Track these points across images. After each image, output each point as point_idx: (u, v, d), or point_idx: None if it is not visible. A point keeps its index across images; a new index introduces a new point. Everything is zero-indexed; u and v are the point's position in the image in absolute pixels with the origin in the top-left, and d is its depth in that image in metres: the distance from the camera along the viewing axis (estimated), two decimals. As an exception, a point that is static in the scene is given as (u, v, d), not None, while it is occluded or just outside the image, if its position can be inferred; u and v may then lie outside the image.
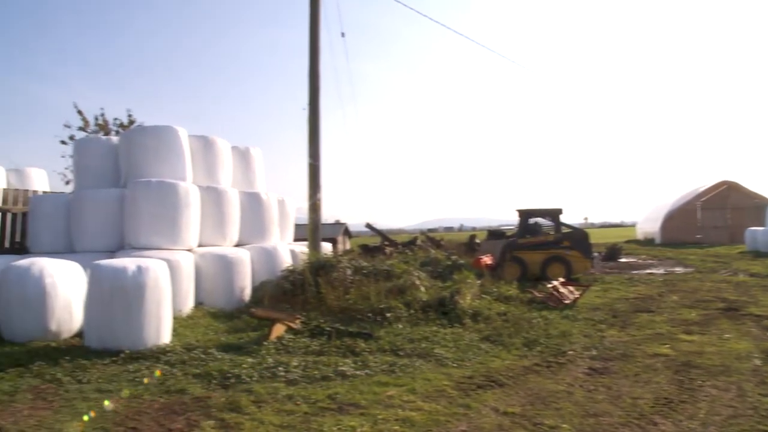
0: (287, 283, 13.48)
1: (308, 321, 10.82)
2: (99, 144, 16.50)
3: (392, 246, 24.55)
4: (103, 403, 6.67)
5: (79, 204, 14.09)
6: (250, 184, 17.09)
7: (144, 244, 13.03)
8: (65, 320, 10.31)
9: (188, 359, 8.61)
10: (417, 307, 12.01)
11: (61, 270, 10.56)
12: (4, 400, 6.99)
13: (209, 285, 13.42)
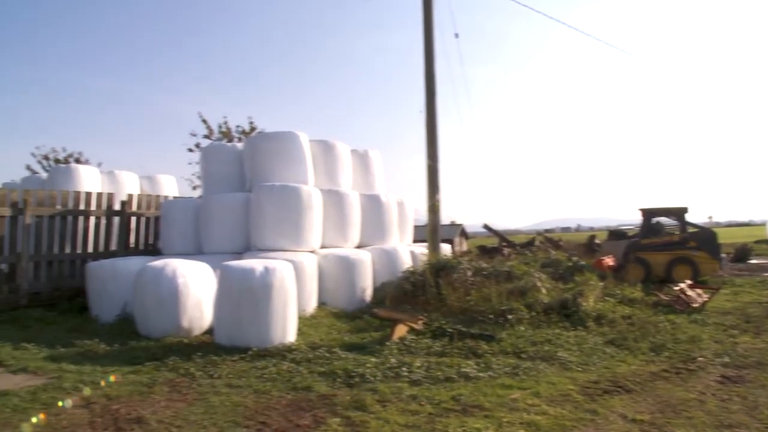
0: (408, 284, 13.56)
1: (430, 322, 10.85)
2: (224, 150, 17.11)
3: (510, 247, 24.30)
4: (232, 399, 6.94)
5: (207, 208, 14.70)
6: (369, 187, 17.34)
7: (269, 245, 13.45)
8: (196, 318, 10.82)
9: (313, 358, 8.82)
10: (539, 309, 11.82)
11: (192, 270, 11.08)
12: (143, 391, 7.41)
13: (331, 285, 13.69)
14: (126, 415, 6.42)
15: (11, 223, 14.23)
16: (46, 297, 14.59)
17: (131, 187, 18.66)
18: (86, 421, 6.30)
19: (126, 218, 16.43)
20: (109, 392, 7.31)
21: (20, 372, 8.59)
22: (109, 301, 12.54)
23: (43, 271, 14.94)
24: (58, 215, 15.11)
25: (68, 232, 15.39)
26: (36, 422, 6.25)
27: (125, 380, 7.90)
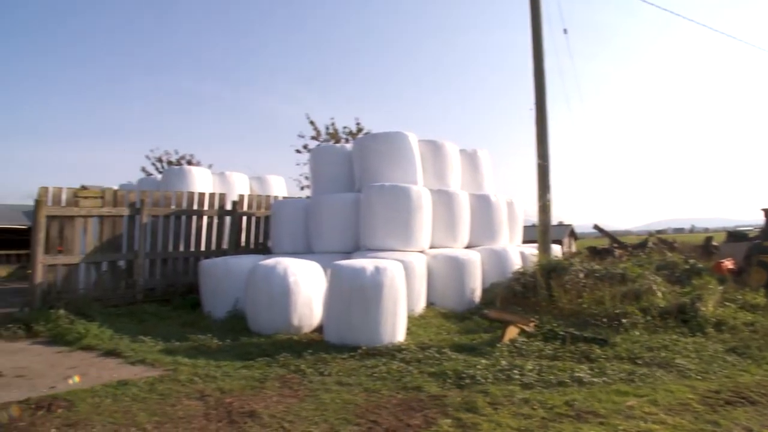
0: (518, 286, 13.27)
1: (541, 324, 10.55)
2: (333, 151, 17.26)
3: (621, 248, 23.50)
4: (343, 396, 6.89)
5: (317, 208, 14.82)
6: (478, 186, 17.11)
7: (378, 245, 13.44)
8: (306, 316, 10.90)
9: (423, 358, 8.67)
10: (654, 313, 11.29)
11: (303, 269, 11.17)
12: (255, 386, 7.46)
13: (440, 286, 13.55)
14: (239, 408, 6.47)
15: (129, 223, 14.81)
16: (160, 293, 15.09)
17: (241, 187, 19.11)
18: (201, 413, 6.38)
19: (237, 218, 16.82)
20: (222, 386, 7.41)
21: (138, 363, 8.87)
22: (221, 298, 12.82)
23: (158, 268, 15.46)
24: (172, 215, 15.60)
25: (182, 231, 15.88)
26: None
27: (238, 375, 7.98)
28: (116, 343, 10.30)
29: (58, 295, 13.36)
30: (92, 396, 7.07)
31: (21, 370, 8.83)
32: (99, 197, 14.24)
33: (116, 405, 6.71)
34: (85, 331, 11.01)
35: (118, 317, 12.80)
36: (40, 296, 13.24)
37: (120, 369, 8.64)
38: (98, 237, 14.33)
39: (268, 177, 20.89)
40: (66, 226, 13.72)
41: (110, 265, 14.72)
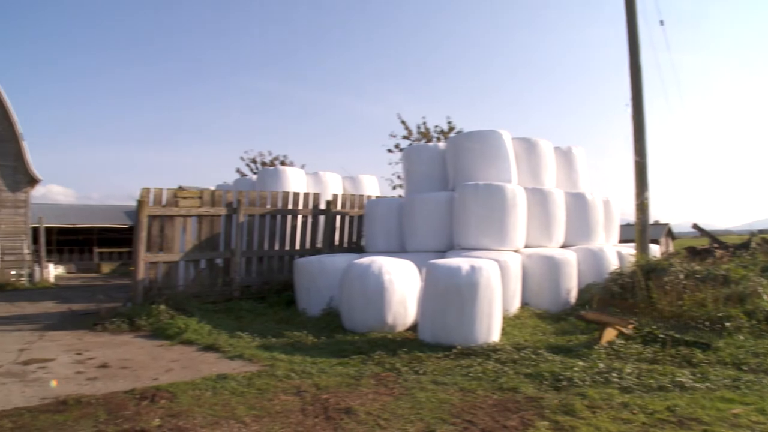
0: (616, 287, 12.94)
1: (640, 327, 10.23)
2: (427, 150, 17.22)
3: (722, 248, 22.60)
4: (438, 395, 6.86)
5: (410, 207, 14.83)
6: (573, 185, 16.77)
7: (473, 244, 13.34)
8: (400, 314, 10.91)
9: (518, 358, 8.54)
10: (760, 317, 10.77)
11: (397, 268, 11.20)
12: (351, 383, 7.49)
13: (535, 286, 13.35)
14: (335, 404, 6.51)
15: (226, 222, 15.21)
16: (256, 290, 15.43)
17: (335, 187, 19.32)
18: (298, 408, 6.45)
19: (331, 217, 17.02)
20: (318, 382, 7.48)
21: (237, 358, 9.07)
22: (315, 296, 12.99)
23: (253, 266, 15.82)
24: (267, 214, 15.92)
25: (277, 230, 16.19)
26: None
27: (333, 372, 8.05)
28: (215, 338, 10.59)
29: (159, 291, 13.84)
30: (193, 389, 7.28)
31: (125, 361, 9.21)
32: (197, 197, 14.66)
33: (216, 398, 6.88)
34: (185, 326, 11.38)
35: (216, 313, 13.18)
36: (142, 292, 13.75)
37: (219, 363, 8.87)
38: (197, 236, 14.77)
39: (361, 177, 21.05)
40: (166, 225, 14.19)
41: (208, 262, 15.14)
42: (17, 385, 7.93)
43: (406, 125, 32.26)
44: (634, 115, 15.91)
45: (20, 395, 7.36)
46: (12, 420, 6.25)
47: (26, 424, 6.12)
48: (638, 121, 15.88)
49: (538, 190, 14.81)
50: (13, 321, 14.67)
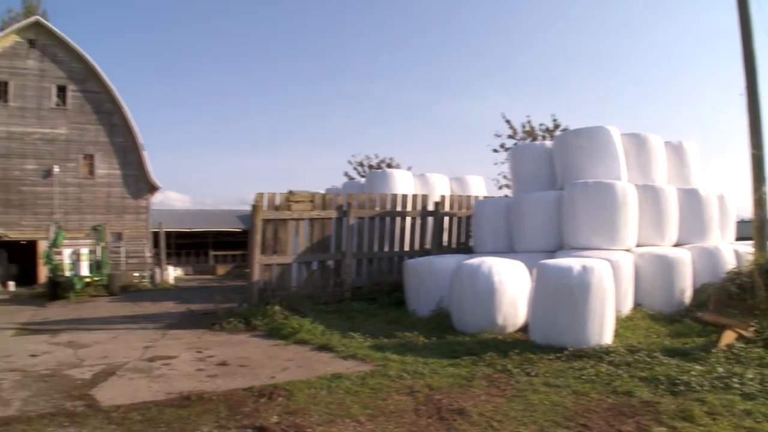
0: (733, 287, 12.45)
1: (761, 329, 9.82)
2: (533, 149, 17.08)
3: None
4: (551, 398, 6.84)
5: (518, 207, 14.76)
6: (685, 180, 16.22)
7: (583, 244, 13.15)
8: (510, 315, 10.92)
9: (632, 361, 8.39)
10: None
11: (507, 268, 11.20)
12: (463, 384, 7.59)
13: (648, 286, 13.01)
14: (448, 405, 6.60)
15: (337, 224, 15.55)
16: (366, 291, 15.71)
17: (441, 188, 19.39)
18: (411, 408, 6.58)
19: (439, 218, 17.13)
20: (431, 383, 7.60)
21: (350, 358, 9.32)
22: (425, 296, 13.13)
23: (364, 267, 16.11)
24: (377, 216, 16.17)
25: (386, 231, 16.42)
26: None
27: (445, 372, 8.15)
28: (328, 338, 10.89)
29: (273, 292, 14.30)
30: (309, 387, 7.54)
31: (243, 360, 9.62)
32: (309, 201, 15.06)
33: (331, 397, 7.11)
34: (299, 326, 11.74)
35: (328, 314, 13.51)
36: (257, 293, 14.24)
37: (333, 363, 9.13)
38: (309, 238, 15.18)
39: (467, 177, 21.04)
40: (279, 229, 14.64)
41: (320, 264, 15.54)
42: (144, 380, 8.46)
43: (510, 124, 32.03)
44: (750, 104, 15.26)
45: (147, 390, 7.85)
46: (140, 413, 6.70)
47: (153, 417, 6.53)
48: (754, 111, 15.23)
49: (649, 186, 14.42)
50: (138, 320, 15.49)
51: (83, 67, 33.23)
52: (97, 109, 33.30)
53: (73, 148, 32.79)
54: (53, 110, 32.55)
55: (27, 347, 11.62)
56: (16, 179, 31.74)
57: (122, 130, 33.64)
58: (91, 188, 33.04)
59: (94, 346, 11.57)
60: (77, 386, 8.15)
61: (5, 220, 31.19)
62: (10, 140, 31.70)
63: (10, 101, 31.88)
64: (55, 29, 33.23)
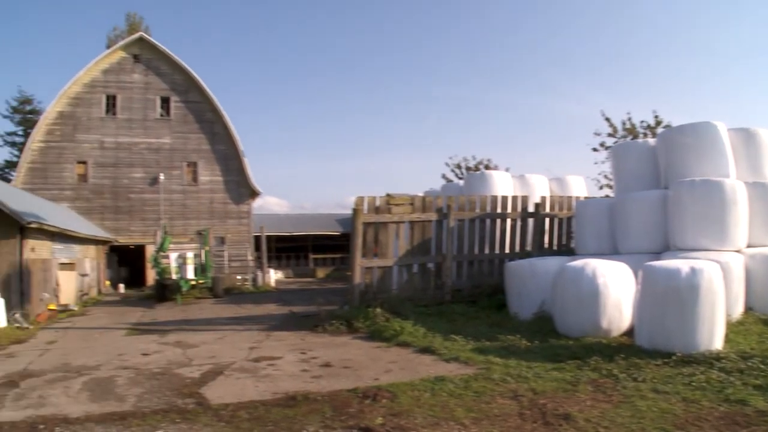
0: None
1: None
2: (636, 147, 16.65)
3: None
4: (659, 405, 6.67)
5: (622, 207, 14.41)
6: (800, 177, 15.47)
7: (690, 245, 12.71)
8: (615, 319, 10.69)
9: (745, 368, 8.06)
10: None
11: (612, 270, 10.98)
12: (567, 388, 7.51)
13: (760, 289, 12.43)
14: (553, 410, 6.55)
15: (437, 227, 15.59)
16: (467, 293, 15.70)
17: (541, 189, 19.16)
18: (515, 412, 6.56)
19: (540, 219, 16.94)
20: (534, 387, 7.55)
21: (452, 361, 9.37)
22: (526, 299, 13.03)
23: (464, 269, 16.12)
24: (477, 218, 16.14)
25: (486, 233, 16.36)
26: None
27: (549, 377, 8.08)
28: (430, 340, 10.96)
29: (374, 294, 14.48)
30: (412, 389, 7.64)
31: (346, 361, 9.80)
32: (409, 204, 15.17)
33: (435, 399, 7.17)
34: (401, 329, 11.85)
35: (429, 316, 13.57)
36: (358, 296, 14.44)
37: (435, 365, 9.19)
38: (409, 241, 15.28)
39: (567, 177, 20.71)
40: (380, 232, 14.81)
41: (420, 267, 15.62)
42: (250, 380, 8.76)
43: (610, 122, 31.29)
44: None
45: (254, 389, 8.14)
46: (248, 411, 6.97)
47: (261, 416, 6.77)
48: None
49: (760, 184, 13.77)
50: (242, 321, 15.98)
51: (185, 79, 34.72)
52: (198, 118, 34.73)
53: (177, 157, 34.30)
54: (158, 121, 34.21)
55: (138, 346, 12.22)
56: (125, 187, 33.44)
57: (223, 138, 34.88)
58: (194, 194, 34.38)
59: (201, 346, 12.04)
60: (187, 384, 8.55)
61: (115, 226, 32.82)
62: (119, 150, 33.49)
63: (118, 114, 33.75)
64: (158, 44, 34.91)
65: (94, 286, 27.73)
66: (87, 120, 33.67)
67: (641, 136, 29.92)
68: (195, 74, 34.80)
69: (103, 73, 34.21)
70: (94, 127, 33.68)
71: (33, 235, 18.44)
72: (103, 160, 33.56)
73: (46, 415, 7.12)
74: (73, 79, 33.67)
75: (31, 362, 10.83)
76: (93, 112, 33.83)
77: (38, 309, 17.95)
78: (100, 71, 34.20)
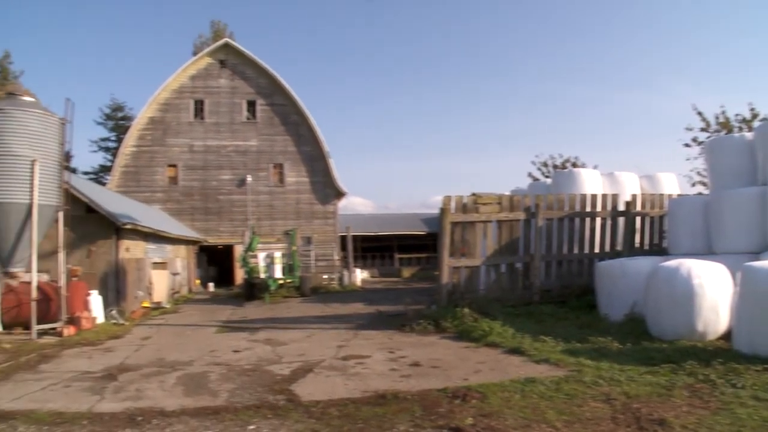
0: None
1: None
2: (732, 142, 16.00)
3: None
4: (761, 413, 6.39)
5: (717, 205, 13.89)
6: None
7: (791, 244, 12.19)
8: (711, 321, 10.33)
9: None
10: None
11: (708, 271, 10.58)
12: (662, 393, 7.27)
13: None
14: (647, 415, 6.36)
15: (525, 226, 15.42)
16: (555, 294, 15.47)
17: (631, 187, 18.68)
18: (608, 416, 6.40)
19: (631, 218, 16.54)
20: (627, 390, 7.35)
21: (542, 362, 9.22)
22: (618, 300, 12.72)
23: (552, 269, 15.89)
24: (565, 217, 15.88)
25: (575, 233, 16.08)
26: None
27: (642, 380, 7.85)
28: (519, 341, 10.83)
29: (461, 294, 14.44)
30: (502, 390, 7.56)
31: (435, 361, 9.79)
32: (497, 203, 15.05)
33: (525, 401, 7.08)
34: (489, 329, 11.76)
35: (517, 317, 13.43)
36: (446, 295, 14.42)
37: (525, 367, 9.08)
38: (497, 240, 15.17)
39: (658, 175, 20.10)
40: (467, 231, 14.74)
41: (508, 267, 15.48)
42: (340, 378, 8.85)
43: (702, 116, 30.28)
44: None
45: (343, 387, 8.22)
46: (338, 409, 7.03)
47: (351, 413, 6.83)
48: None
49: None
50: (329, 320, 16.16)
51: (270, 83, 35.45)
52: (284, 120, 35.42)
53: (264, 159, 35.07)
54: (244, 124, 35.10)
55: (229, 343, 12.52)
56: (214, 189, 34.38)
57: (309, 139, 35.44)
58: (281, 195, 35.03)
59: (290, 344, 12.23)
60: (277, 381, 8.71)
61: (205, 227, 33.76)
62: (207, 153, 34.49)
63: (206, 118, 34.78)
64: (243, 49, 35.79)
65: (185, 284, 28.61)
66: (176, 125, 34.93)
67: (736, 130, 28.87)
68: (279, 77, 35.52)
69: (191, 79, 35.38)
70: (183, 131, 34.88)
71: (128, 236, 19.13)
72: (193, 162, 34.68)
73: (144, 407, 7.41)
74: (163, 86, 35.06)
75: (128, 357, 11.29)
76: (182, 116, 35.08)
77: (133, 306, 18.67)
78: (188, 77, 35.40)
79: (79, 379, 9.34)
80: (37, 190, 13.97)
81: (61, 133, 15.03)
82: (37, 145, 14.14)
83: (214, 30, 52.60)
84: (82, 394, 8.31)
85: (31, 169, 13.92)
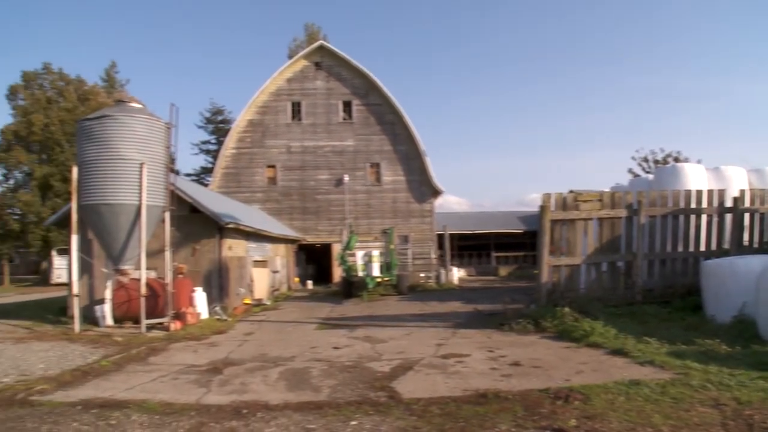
0: None
1: None
2: None
3: None
4: None
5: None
6: None
7: None
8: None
9: None
10: None
11: (824, 272, 10.08)
12: (767, 398, 6.98)
13: None
14: (761, 422, 6.11)
15: (627, 224, 15.04)
16: (658, 294, 15.01)
17: (739, 182, 17.91)
18: (717, 422, 6.19)
19: (739, 215, 15.85)
20: (738, 396, 7.07)
21: (647, 364, 8.99)
22: (725, 301, 12.23)
23: (655, 268, 15.41)
24: (669, 214, 15.37)
25: (679, 230, 15.55)
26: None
27: (754, 386, 7.53)
28: (621, 342, 10.59)
29: (561, 294, 14.21)
30: (605, 392, 7.43)
31: (535, 361, 9.71)
32: (598, 200, 14.72)
33: (629, 403, 6.93)
34: (591, 329, 11.55)
35: (619, 317, 13.13)
36: (545, 294, 14.23)
37: (628, 368, 8.87)
38: (597, 238, 14.86)
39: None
40: (567, 229, 14.51)
41: (609, 265, 15.14)
42: (440, 376, 8.91)
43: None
44: None
45: (444, 385, 8.28)
46: (439, 407, 7.09)
47: (452, 412, 6.87)
48: None
49: None
50: (427, 318, 16.21)
51: (365, 83, 35.76)
52: (380, 120, 35.64)
53: (361, 158, 35.39)
54: (341, 124, 35.56)
55: (329, 340, 12.74)
56: (312, 189, 34.97)
57: (404, 138, 35.54)
58: (378, 194, 35.26)
59: (389, 341, 12.34)
60: (378, 378, 8.83)
61: (303, 226, 34.38)
62: (305, 154, 35.14)
63: (303, 119, 35.42)
64: (337, 50, 36.22)
65: (284, 282, 29.22)
66: (274, 126, 35.65)
67: None
68: (374, 77, 35.78)
69: (288, 82, 36.05)
70: (281, 132, 35.57)
71: (230, 235, 19.65)
72: (291, 163, 35.33)
73: (248, 400, 7.69)
74: (260, 89, 35.85)
75: (232, 351, 11.66)
76: (279, 118, 35.77)
77: (235, 303, 19.23)
78: (285, 80, 36.09)
79: (186, 371, 9.73)
80: (146, 191, 14.61)
81: (167, 137, 15.67)
82: (144, 149, 14.78)
83: (308, 33, 53.65)
84: (190, 386, 8.68)
85: (139, 171, 14.56)
